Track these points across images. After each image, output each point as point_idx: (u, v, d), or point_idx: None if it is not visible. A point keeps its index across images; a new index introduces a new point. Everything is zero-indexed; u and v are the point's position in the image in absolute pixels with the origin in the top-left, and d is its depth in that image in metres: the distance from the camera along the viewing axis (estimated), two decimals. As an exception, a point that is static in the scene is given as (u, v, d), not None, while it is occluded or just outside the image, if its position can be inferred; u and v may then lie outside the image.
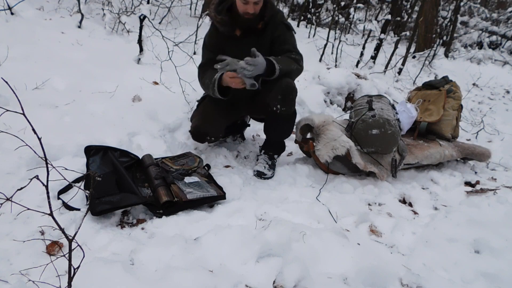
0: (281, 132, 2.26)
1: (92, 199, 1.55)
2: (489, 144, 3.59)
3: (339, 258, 1.37)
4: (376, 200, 2.06)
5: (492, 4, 12.76)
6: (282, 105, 2.05)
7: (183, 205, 1.70)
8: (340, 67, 5.03)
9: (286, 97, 2.04)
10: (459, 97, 2.88)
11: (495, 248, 1.58)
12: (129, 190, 1.70)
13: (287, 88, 2.03)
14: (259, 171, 2.19)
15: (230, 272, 1.26)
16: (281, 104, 2.04)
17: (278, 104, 2.04)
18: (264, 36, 2.10)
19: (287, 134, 2.28)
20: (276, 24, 2.09)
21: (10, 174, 1.65)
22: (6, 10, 3.62)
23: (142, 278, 1.19)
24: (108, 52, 3.52)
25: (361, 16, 11.37)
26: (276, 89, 2.02)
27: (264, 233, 1.40)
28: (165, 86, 2.94)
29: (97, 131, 2.14)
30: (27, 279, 1.14)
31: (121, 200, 1.60)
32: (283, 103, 2.05)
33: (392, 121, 2.21)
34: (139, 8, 4.08)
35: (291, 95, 2.06)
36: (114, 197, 1.61)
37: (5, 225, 1.39)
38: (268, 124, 2.25)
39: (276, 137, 2.30)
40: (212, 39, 2.15)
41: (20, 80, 2.35)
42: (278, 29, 2.10)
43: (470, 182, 2.53)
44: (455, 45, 9.25)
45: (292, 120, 2.23)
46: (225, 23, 2.04)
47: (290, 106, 2.10)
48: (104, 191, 1.63)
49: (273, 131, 2.25)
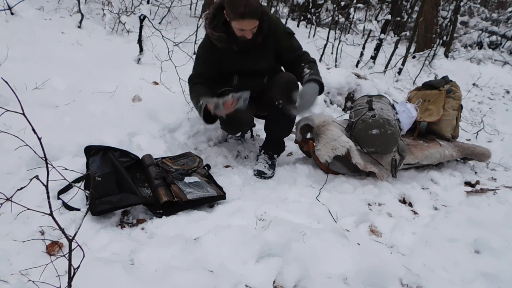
0: (282, 127, 2.26)
1: (92, 199, 1.55)
2: (489, 144, 3.59)
3: (339, 258, 1.37)
4: (376, 200, 2.06)
5: (492, 4, 12.76)
6: (284, 98, 2.05)
7: (183, 205, 1.70)
8: (340, 67, 5.03)
9: (288, 89, 2.04)
10: (459, 97, 2.88)
11: (495, 248, 1.58)
12: (129, 190, 1.70)
13: (289, 82, 2.06)
14: (260, 170, 2.19)
15: (230, 272, 1.26)
16: (283, 99, 2.05)
17: (281, 99, 2.05)
18: (265, 48, 2.10)
19: (288, 130, 2.29)
20: (277, 35, 2.09)
21: (10, 174, 1.65)
22: (6, 10, 3.62)
23: (142, 278, 1.19)
24: (108, 52, 3.52)
25: (361, 16, 11.37)
26: (277, 84, 2.06)
27: (264, 233, 1.40)
28: (165, 86, 2.94)
29: (97, 131, 2.13)
30: (27, 279, 1.14)
31: (121, 200, 1.60)
32: (285, 96, 2.05)
33: (392, 121, 2.21)
34: (139, 8, 4.08)
35: (293, 87, 2.07)
36: (114, 197, 1.61)
37: (5, 225, 1.39)
38: (269, 120, 2.27)
39: (276, 133, 2.30)
40: (207, 53, 2.12)
41: (20, 80, 2.35)
42: (282, 40, 2.11)
43: (470, 182, 2.53)
44: (455, 45, 9.25)
45: (292, 119, 2.24)
46: (222, 40, 2.01)
47: (292, 100, 2.09)
48: (104, 191, 1.63)
49: (274, 126, 2.26)
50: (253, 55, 2.11)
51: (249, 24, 1.89)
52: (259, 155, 2.33)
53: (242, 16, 1.83)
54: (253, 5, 1.85)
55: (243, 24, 1.87)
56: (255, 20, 1.89)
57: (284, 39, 2.12)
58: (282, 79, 2.08)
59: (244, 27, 1.89)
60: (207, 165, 2.12)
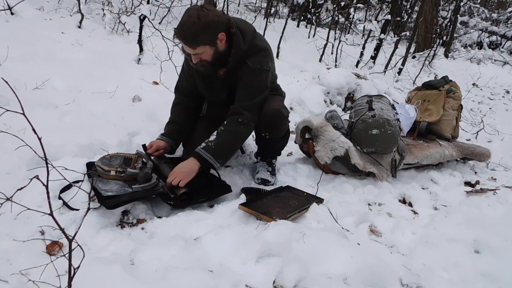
0: (275, 149, 2.17)
1: (100, 196, 1.57)
2: (489, 144, 3.59)
3: (339, 258, 1.37)
4: (376, 200, 2.06)
5: (492, 4, 12.77)
6: (270, 132, 1.97)
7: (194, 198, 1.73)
8: (340, 67, 5.03)
9: (273, 124, 1.93)
10: (459, 97, 2.88)
11: (495, 248, 1.59)
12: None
13: (273, 115, 1.89)
14: (263, 178, 2.09)
15: (230, 272, 1.26)
16: (269, 131, 1.97)
17: (267, 132, 1.97)
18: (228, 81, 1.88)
19: (281, 148, 2.21)
20: (244, 69, 1.80)
21: (10, 174, 1.65)
22: (6, 10, 3.62)
23: (142, 278, 1.18)
24: (108, 52, 3.52)
25: (361, 16, 11.38)
26: (262, 116, 1.88)
27: (264, 233, 1.40)
28: (165, 86, 2.94)
29: (97, 131, 2.13)
30: (27, 279, 1.14)
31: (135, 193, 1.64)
32: (270, 130, 1.96)
33: (392, 121, 2.21)
34: (139, 8, 4.08)
35: (279, 122, 1.94)
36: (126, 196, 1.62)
37: (5, 225, 1.39)
38: (259, 142, 2.12)
39: (270, 153, 2.18)
40: (188, 67, 1.94)
41: (20, 80, 2.35)
42: (244, 77, 1.82)
43: (470, 182, 2.53)
44: (455, 45, 9.26)
45: (285, 138, 2.13)
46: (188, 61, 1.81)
47: (279, 132, 2.00)
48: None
49: (265, 148, 2.15)
50: (217, 85, 1.91)
51: (186, 48, 1.68)
52: (256, 163, 2.23)
53: (175, 36, 1.65)
54: (189, 29, 1.60)
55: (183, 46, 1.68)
56: (188, 47, 1.66)
57: (246, 76, 1.81)
58: (268, 111, 1.88)
59: (185, 49, 1.70)
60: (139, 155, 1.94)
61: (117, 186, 1.69)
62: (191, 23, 1.60)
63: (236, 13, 7.95)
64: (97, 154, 1.94)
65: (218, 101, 2.02)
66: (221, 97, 1.98)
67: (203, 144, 1.77)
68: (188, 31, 1.62)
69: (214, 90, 1.96)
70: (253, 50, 1.80)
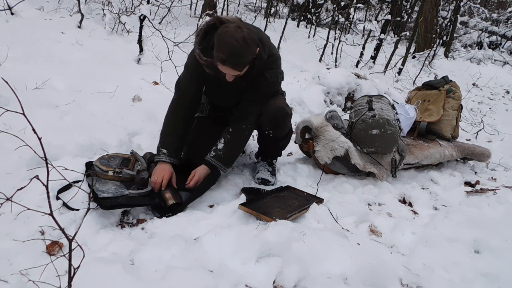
0: (277, 148, 2.19)
1: (97, 196, 1.57)
2: (489, 144, 3.60)
3: (339, 258, 1.37)
4: (376, 200, 2.06)
5: (492, 4, 12.77)
6: (274, 130, 1.98)
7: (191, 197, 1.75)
8: (340, 67, 5.03)
9: (277, 122, 1.95)
10: (459, 97, 2.88)
11: (495, 248, 1.59)
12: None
13: (278, 113, 1.92)
14: (264, 178, 2.10)
15: (230, 272, 1.26)
16: (273, 130, 1.97)
17: (270, 130, 1.97)
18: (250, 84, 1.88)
19: (283, 148, 2.22)
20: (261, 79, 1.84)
21: (10, 174, 1.65)
22: (6, 10, 3.62)
23: (142, 278, 1.18)
24: (108, 52, 3.52)
25: (361, 16, 11.38)
26: (266, 114, 1.91)
27: (264, 233, 1.40)
28: (165, 86, 2.94)
29: (97, 131, 2.13)
30: (27, 279, 1.14)
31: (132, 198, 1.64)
32: (274, 128, 1.97)
33: (392, 121, 2.21)
34: (139, 8, 4.08)
35: (283, 120, 1.95)
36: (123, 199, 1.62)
37: (5, 225, 1.39)
38: (262, 141, 2.15)
39: (272, 153, 2.20)
40: (196, 67, 1.82)
41: (20, 80, 2.35)
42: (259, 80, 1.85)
43: (470, 182, 2.54)
44: (455, 45, 9.26)
45: (288, 137, 2.13)
46: (209, 66, 1.74)
47: (283, 130, 2.01)
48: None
49: (268, 147, 2.17)
50: (231, 91, 1.92)
51: (229, 71, 1.66)
52: (257, 163, 2.25)
53: (223, 63, 1.61)
54: (238, 54, 1.58)
55: (223, 68, 1.65)
56: (236, 71, 1.66)
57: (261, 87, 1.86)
58: (272, 109, 1.91)
59: (224, 71, 1.68)
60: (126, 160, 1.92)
61: (114, 187, 1.69)
62: (239, 47, 1.57)
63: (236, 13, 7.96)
64: (97, 154, 1.94)
65: (226, 106, 2.04)
66: (231, 103, 1.99)
67: (212, 152, 1.87)
68: (238, 56, 1.60)
69: (226, 96, 1.97)
70: (270, 59, 1.82)
